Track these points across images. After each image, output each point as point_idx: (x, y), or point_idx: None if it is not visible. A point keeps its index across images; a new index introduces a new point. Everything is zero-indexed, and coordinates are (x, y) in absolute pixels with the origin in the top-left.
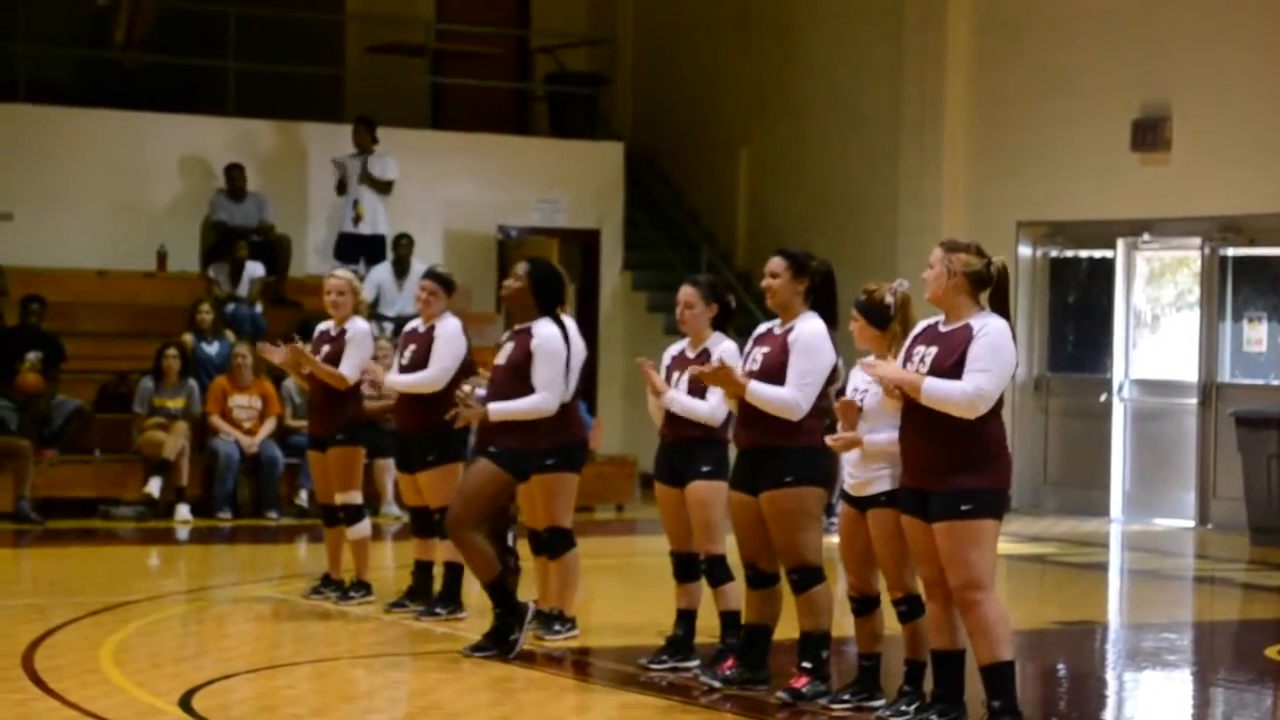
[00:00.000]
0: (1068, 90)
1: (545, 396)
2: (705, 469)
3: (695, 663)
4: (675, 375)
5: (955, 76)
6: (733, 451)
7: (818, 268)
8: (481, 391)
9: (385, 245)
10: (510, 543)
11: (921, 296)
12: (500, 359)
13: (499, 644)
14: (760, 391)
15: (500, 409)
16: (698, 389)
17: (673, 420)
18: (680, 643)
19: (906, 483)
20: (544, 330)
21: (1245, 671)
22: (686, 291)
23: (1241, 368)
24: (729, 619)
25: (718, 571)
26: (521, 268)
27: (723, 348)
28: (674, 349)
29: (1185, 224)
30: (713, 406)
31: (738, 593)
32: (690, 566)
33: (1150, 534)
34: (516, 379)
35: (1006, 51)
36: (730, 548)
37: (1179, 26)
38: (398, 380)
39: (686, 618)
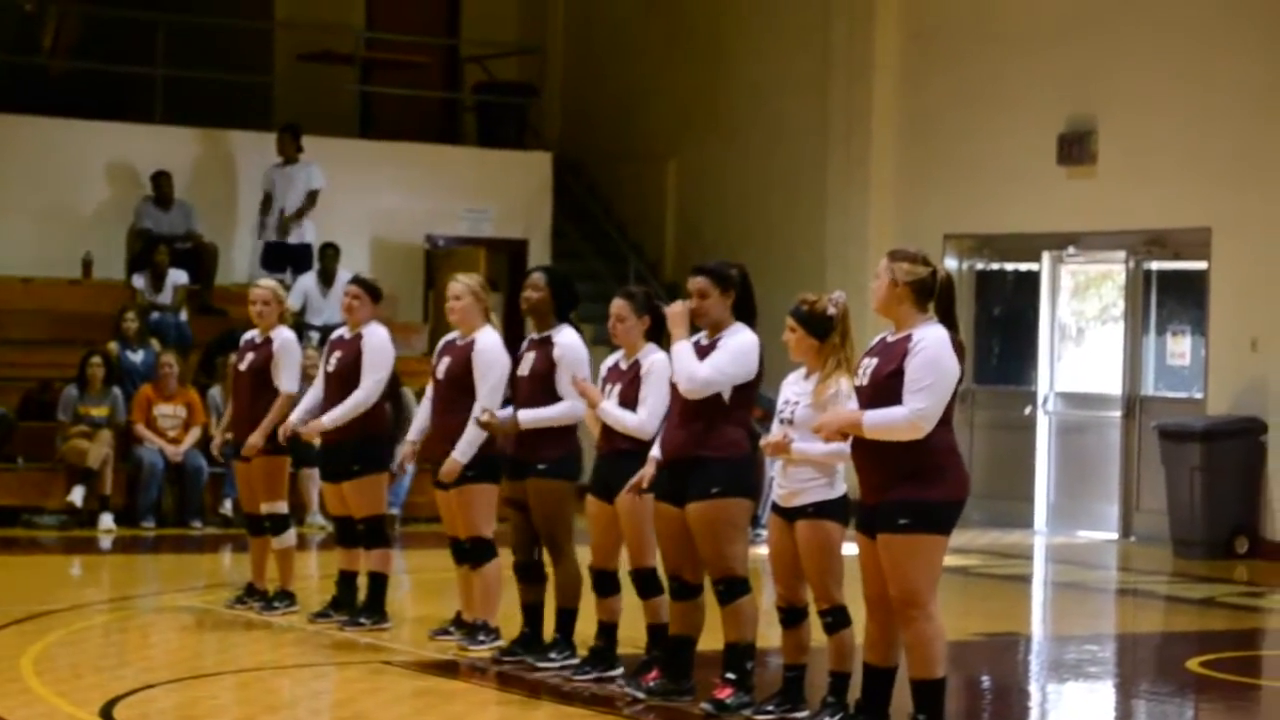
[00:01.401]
0: (994, 103)
1: (573, 404)
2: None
3: (619, 671)
4: (609, 387)
5: (882, 89)
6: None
7: (739, 275)
8: (506, 411)
9: (312, 254)
10: (537, 554)
11: (862, 306)
12: (523, 370)
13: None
14: (686, 355)
15: (531, 417)
16: (628, 401)
17: (607, 432)
18: (602, 653)
19: (861, 498)
20: (565, 339)
21: (1167, 683)
22: (618, 304)
23: (1165, 381)
24: (656, 632)
25: (648, 584)
26: (540, 277)
27: (653, 359)
28: (609, 361)
29: (1110, 238)
30: (641, 420)
31: (667, 606)
32: (609, 582)
33: (1073, 546)
34: (542, 389)
35: (933, 65)
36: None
37: (1106, 41)
38: (336, 415)
39: (607, 630)
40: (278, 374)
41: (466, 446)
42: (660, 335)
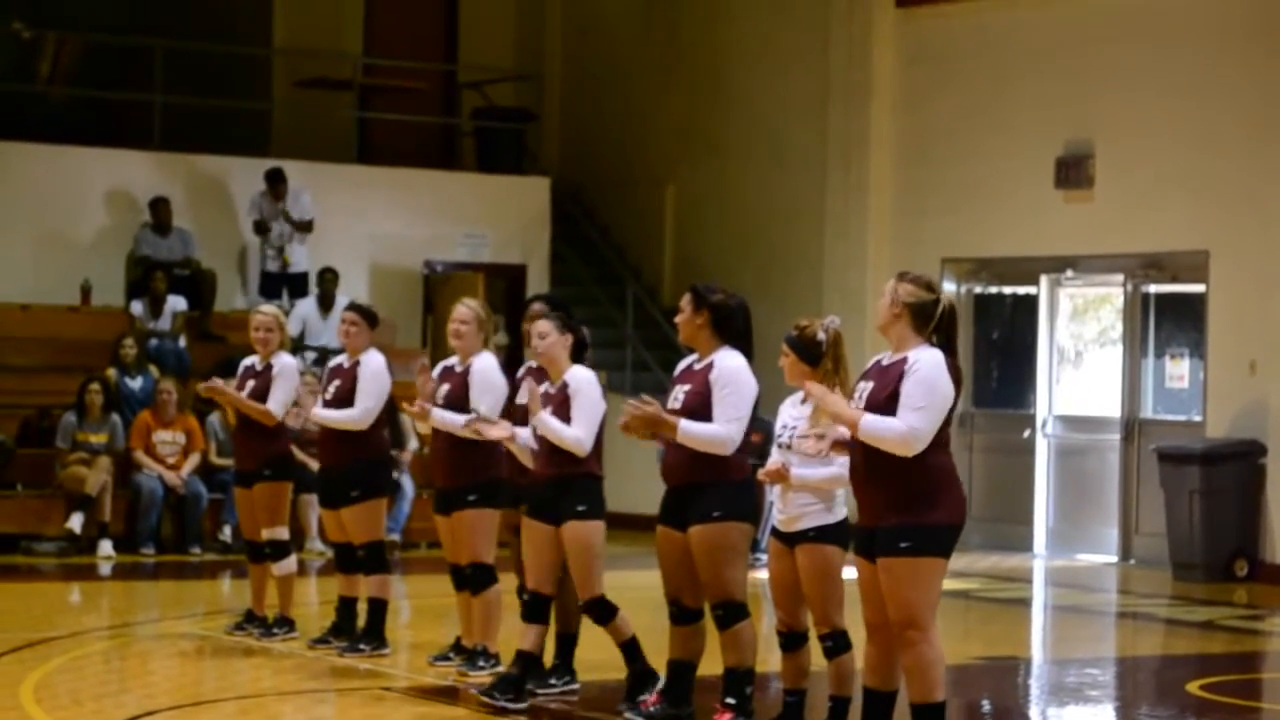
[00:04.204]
0: (992, 128)
1: (577, 435)
2: (581, 509)
3: (525, 705)
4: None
5: (881, 114)
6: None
7: (721, 302)
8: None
9: (307, 281)
10: None
11: (860, 332)
12: (523, 398)
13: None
14: (691, 430)
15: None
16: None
17: (546, 457)
18: (513, 682)
19: (860, 521)
20: (575, 373)
21: (1167, 707)
22: (541, 324)
23: (1164, 404)
24: (630, 649)
25: (602, 611)
26: (541, 310)
27: (579, 377)
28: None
29: (1108, 261)
30: (578, 435)
31: (627, 620)
32: (542, 609)
33: (1073, 569)
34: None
35: (931, 89)
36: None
37: (1103, 64)
38: (323, 414)
39: (525, 659)
40: (271, 392)
41: (445, 419)
42: (582, 356)
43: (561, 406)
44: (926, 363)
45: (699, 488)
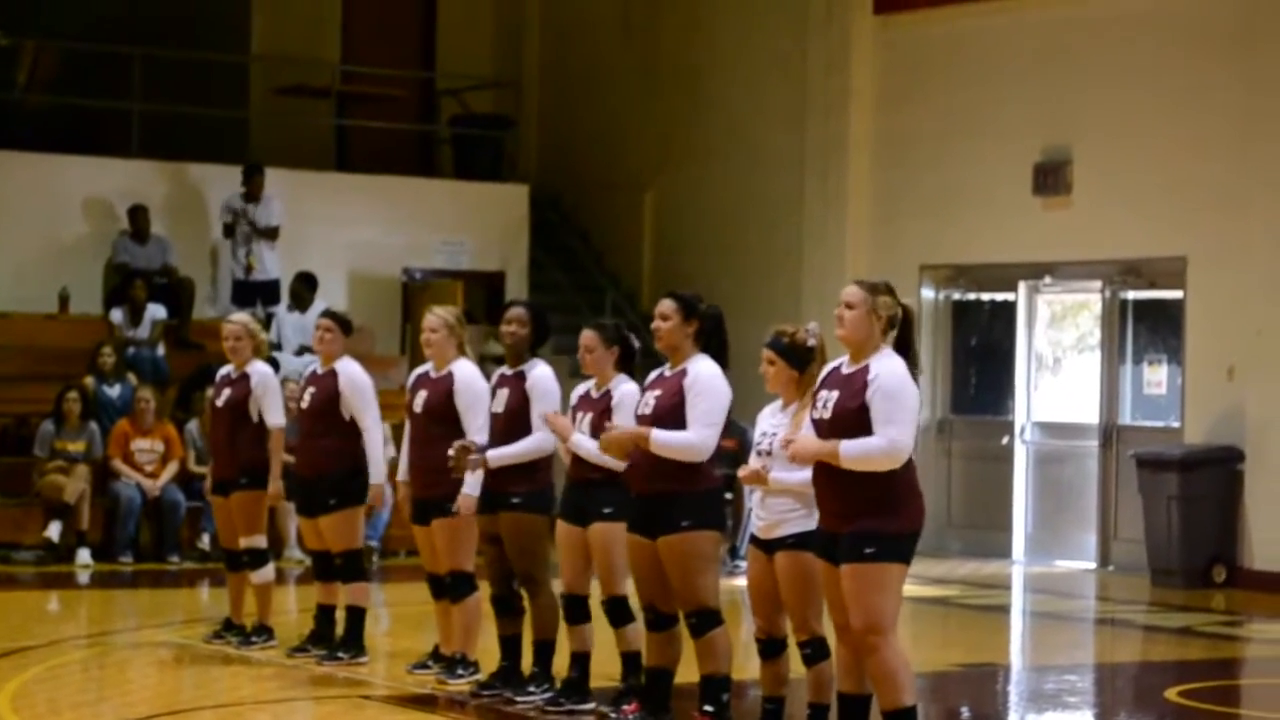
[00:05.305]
0: (970, 134)
1: (542, 437)
2: (607, 510)
3: (591, 705)
4: (579, 415)
5: (859, 119)
6: None
7: (707, 311)
8: (482, 439)
9: (279, 288)
10: (515, 586)
11: (830, 335)
12: (496, 406)
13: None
14: (663, 439)
15: (499, 455)
16: (599, 431)
17: (578, 461)
18: (576, 685)
19: (821, 526)
20: (537, 372)
21: (1145, 713)
22: (587, 335)
23: (1142, 410)
24: (630, 660)
25: (619, 613)
26: (524, 312)
27: (623, 390)
28: (580, 390)
29: (1086, 267)
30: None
31: (639, 634)
32: (580, 609)
33: (1052, 576)
34: (517, 424)
35: (910, 95)
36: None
37: (1080, 71)
38: (376, 468)
39: (579, 660)
40: (264, 409)
41: (475, 481)
42: (631, 366)
43: (602, 415)
44: (889, 374)
45: (666, 498)
